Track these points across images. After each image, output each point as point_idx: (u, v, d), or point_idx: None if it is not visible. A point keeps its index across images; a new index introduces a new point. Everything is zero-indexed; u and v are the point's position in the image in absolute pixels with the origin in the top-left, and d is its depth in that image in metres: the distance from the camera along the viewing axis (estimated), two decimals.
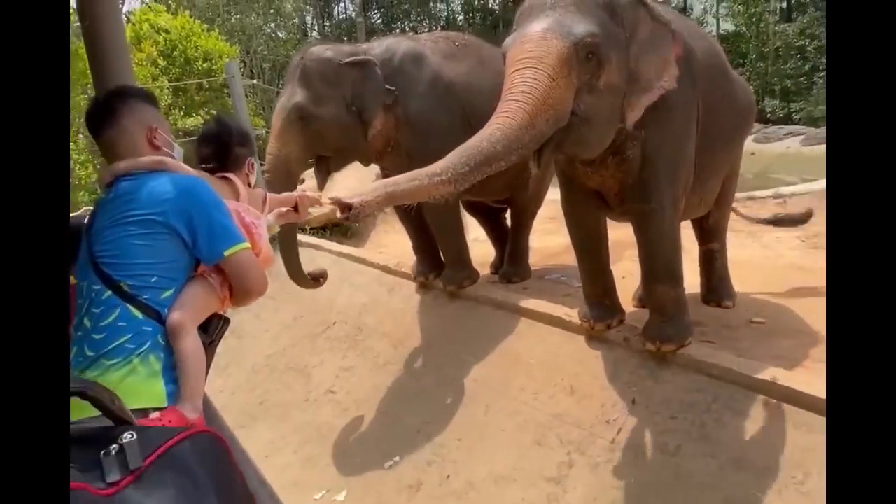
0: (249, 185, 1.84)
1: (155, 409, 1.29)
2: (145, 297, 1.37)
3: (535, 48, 2.06)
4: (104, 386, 1.12)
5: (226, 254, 1.44)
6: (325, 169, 3.49)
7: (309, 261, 4.99)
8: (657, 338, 2.57)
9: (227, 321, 1.59)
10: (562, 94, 2.04)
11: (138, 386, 1.31)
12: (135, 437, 0.92)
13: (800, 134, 14.01)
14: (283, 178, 3.25)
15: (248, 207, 1.70)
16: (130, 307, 1.35)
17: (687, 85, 2.40)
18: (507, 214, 4.23)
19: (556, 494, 2.46)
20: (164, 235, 1.39)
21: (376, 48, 3.43)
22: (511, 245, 4.06)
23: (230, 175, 1.76)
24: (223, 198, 1.54)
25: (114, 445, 0.91)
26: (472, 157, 1.98)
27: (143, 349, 1.33)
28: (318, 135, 3.28)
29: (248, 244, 1.50)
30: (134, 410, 1.18)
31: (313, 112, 3.23)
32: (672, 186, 2.47)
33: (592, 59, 2.09)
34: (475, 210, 4.32)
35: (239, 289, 1.51)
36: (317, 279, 3.38)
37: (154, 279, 1.39)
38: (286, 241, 3.36)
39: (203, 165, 1.78)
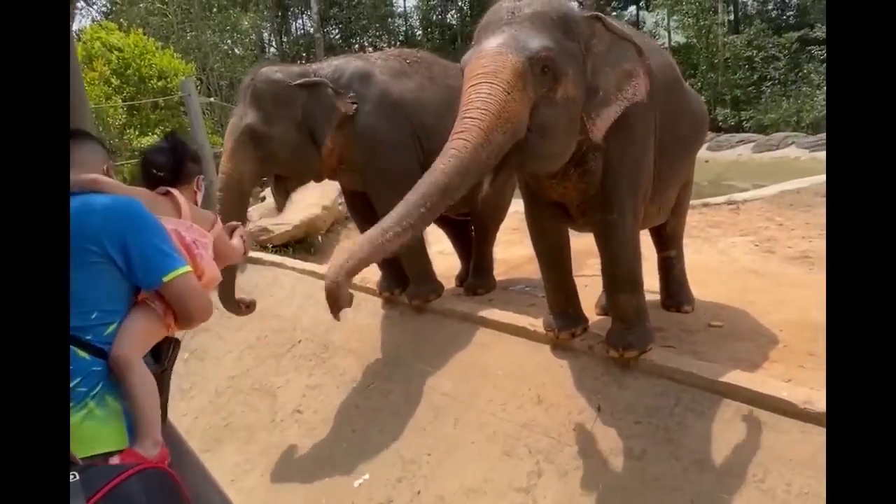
0: (196, 202, 1.82)
1: (115, 453, 1.24)
2: (88, 336, 1.31)
3: (490, 63, 2.09)
4: None
5: (164, 280, 1.38)
6: (284, 189, 3.54)
7: (272, 279, 4.94)
8: (620, 345, 2.61)
9: (177, 344, 1.54)
10: (517, 108, 2.07)
11: (97, 429, 1.25)
12: (77, 477, 0.89)
13: (751, 141, 14.44)
14: (236, 198, 3.36)
15: (191, 225, 1.62)
16: (76, 349, 1.28)
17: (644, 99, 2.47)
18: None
19: None
20: (99, 266, 1.33)
21: (325, 68, 3.48)
22: (475, 257, 4.10)
23: (173, 190, 1.70)
24: (163, 215, 1.49)
25: None
26: (427, 196, 2.01)
27: (96, 390, 1.28)
28: (270, 155, 3.34)
29: (188, 268, 1.43)
30: (96, 456, 1.14)
31: (264, 132, 3.28)
32: (633, 197, 2.53)
33: (548, 73, 2.13)
34: (441, 222, 4.34)
35: (181, 315, 1.45)
36: (247, 306, 3.33)
37: (94, 315, 1.33)
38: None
39: (154, 172, 1.75)
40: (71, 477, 0.88)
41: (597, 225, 2.59)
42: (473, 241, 4.16)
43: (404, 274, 3.81)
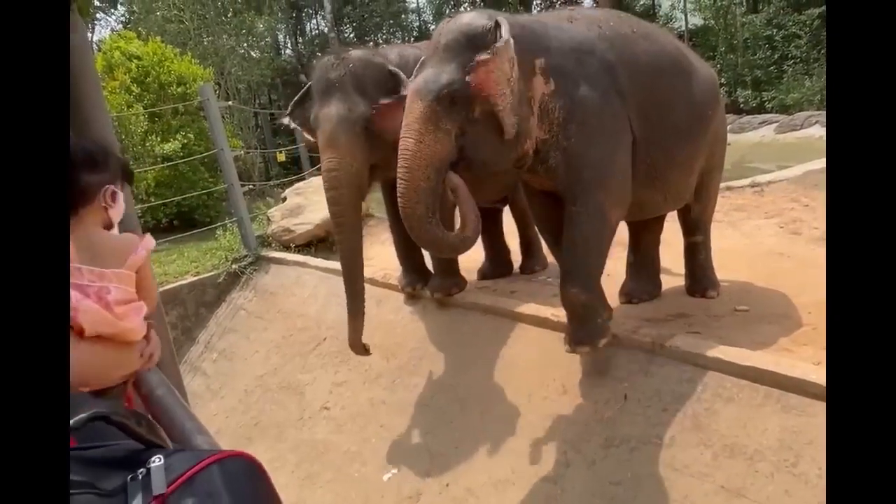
0: (110, 222, 1.37)
1: None
2: None
3: (407, 113, 2.36)
4: (132, 409, 1.06)
5: None
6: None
7: (295, 279, 5.00)
8: (571, 340, 2.68)
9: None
10: (432, 149, 2.31)
11: None
12: (162, 461, 0.90)
13: (774, 122, 14.19)
14: (356, 195, 3.14)
15: (85, 267, 1.22)
16: None
17: (611, 96, 2.53)
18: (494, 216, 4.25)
19: (554, 494, 2.47)
20: None
21: (390, 54, 3.44)
22: (522, 239, 4.21)
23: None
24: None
25: (141, 470, 0.90)
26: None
27: None
28: (380, 145, 3.10)
29: None
30: None
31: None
32: (599, 192, 2.54)
33: (457, 102, 2.30)
34: None
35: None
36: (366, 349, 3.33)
37: None
38: None
39: None
40: (157, 461, 0.89)
41: (564, 215, 2.62)
42: (517, 226, 4.19)
43: (425, 269, 3.83)
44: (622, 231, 2.78)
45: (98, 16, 18.34)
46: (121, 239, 1.37)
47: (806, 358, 2.42)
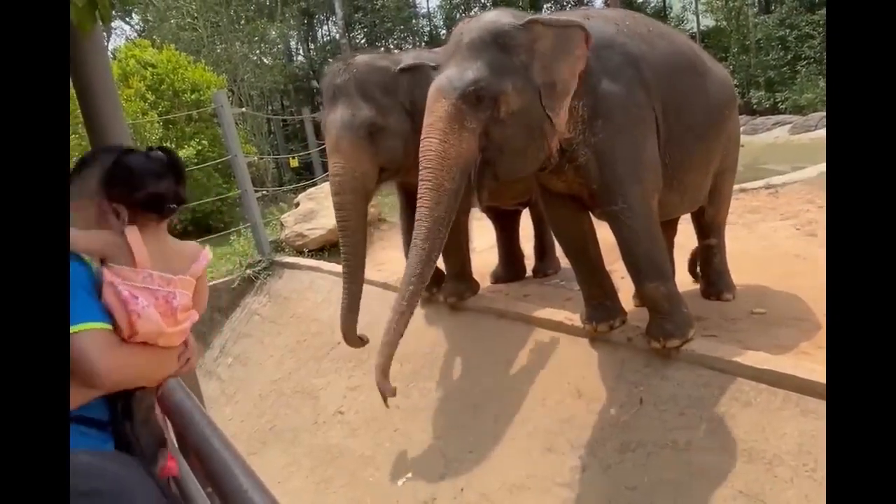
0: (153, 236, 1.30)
1: None
2: None
3: (430, 113, 2.33)
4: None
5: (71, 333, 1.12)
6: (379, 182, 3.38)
7: (308, 284, 5.02)
8: (660, 335, 2.58)
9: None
10: (457, 149, 2.29)
11: None
12: None
13: (787, 123, 14.04)
14: (361, 200, 3.17)
15: (138, 273, 1.24)
16: None
17: (636, 89, 2.50)
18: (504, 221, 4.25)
19: (570, 499, 2.46)
20: None
21: (406, 58, 3.42)
22: (538, 242, 4.21)
23: (127, 230, 1.25)
24: (120, 263, 1.23)
25: None
26: (414, 274, 2.40)
27: None
28: (388, 147, 3.16)
29: (93, 325, 1.16)
30: None
31: (383, 125, 3.14)
32: (637, 185, 2.52)
33: (484, 100, 2.28)
34: (491, 213, 4.32)
35: (75, 372, 1.12)
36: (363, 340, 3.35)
37: None
38: None
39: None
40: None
41: (607, 217, 2.59)
42: (535, 228, 4.19)
43: (440, 272, 3.83)
44: None
45: (114, 25, 18.56)
46: (186, 246, 1.40)
47: (824, 361, 2.39)
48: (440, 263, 3.87)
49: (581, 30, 2.35)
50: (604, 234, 2.85)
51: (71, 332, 1.10)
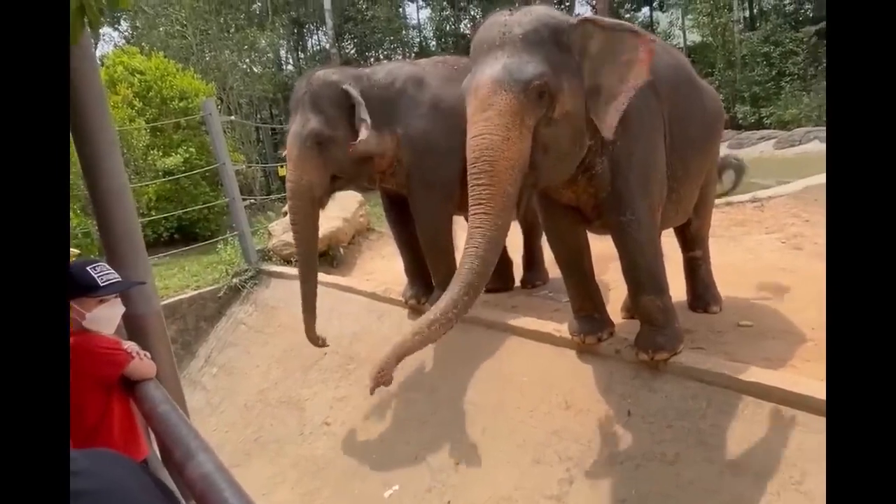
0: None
1: None
2: None
3: (485, 106, 2.10)
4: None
5: None
6: (330, 190, 3.53)
7: (295, 293, 4.97)
8: (650, 347, 2.59)
9: None
10: (518, 147, 2.10)
11: None
12: None
13: (772, 138, 14.25)
14: (309, 206, 3.37)
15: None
16: None
17: (649, 97, 2.45)
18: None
19: None
20: None
21: (379, 72, 3.52)
22: (526, 253, 4.25)
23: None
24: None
25: None
26: (469, 286, 2.11)
27: None
28: (335, 158, 3.31)
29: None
30: None
31: (329, 136, 3.27)
32: (646, 197, 2.51)
33: (544, 97, 2.13)
34: None
35: None
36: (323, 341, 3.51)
37: None
38: None
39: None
40: None
41: (612, 227, 2.57)
42: (523, 239, 4.21)
43: (428, 281, 3.82)
44: None
45: (102, 31, 18.47)
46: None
47: (811, 374, 2.41)
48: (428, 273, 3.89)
49: (635, 35, 2.27)
50: (594, 246, 2.87)
51: None
